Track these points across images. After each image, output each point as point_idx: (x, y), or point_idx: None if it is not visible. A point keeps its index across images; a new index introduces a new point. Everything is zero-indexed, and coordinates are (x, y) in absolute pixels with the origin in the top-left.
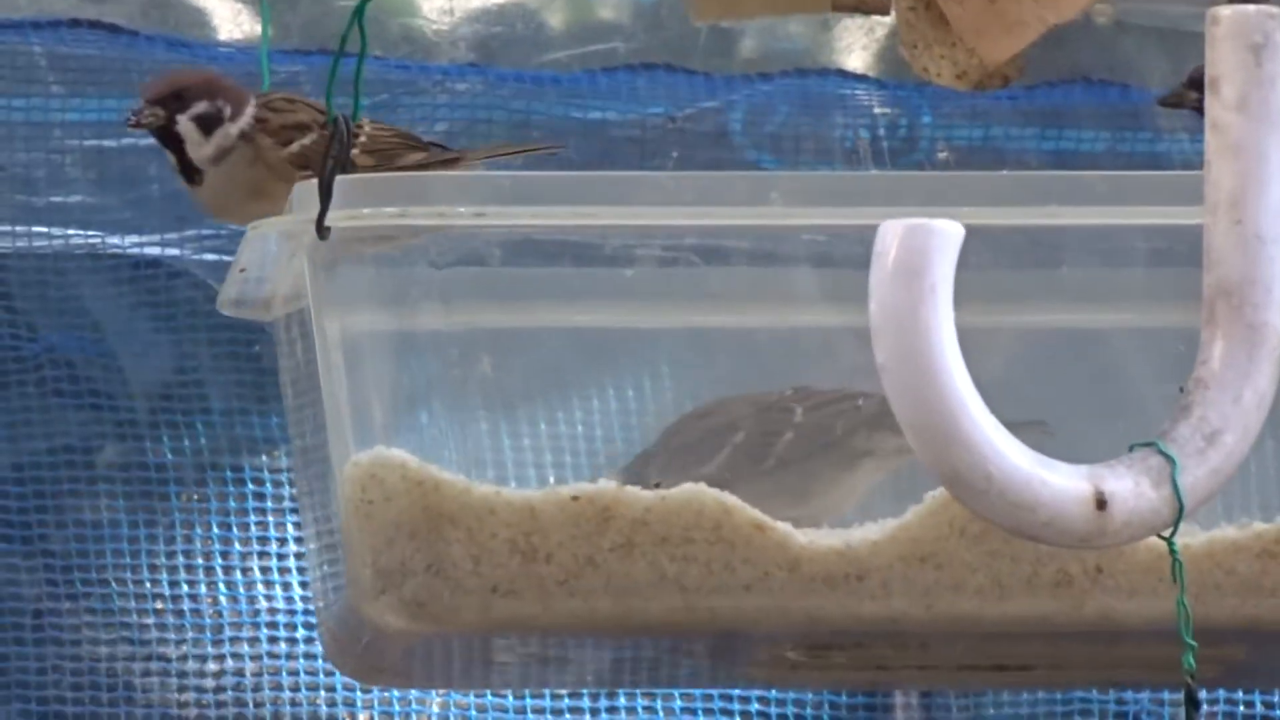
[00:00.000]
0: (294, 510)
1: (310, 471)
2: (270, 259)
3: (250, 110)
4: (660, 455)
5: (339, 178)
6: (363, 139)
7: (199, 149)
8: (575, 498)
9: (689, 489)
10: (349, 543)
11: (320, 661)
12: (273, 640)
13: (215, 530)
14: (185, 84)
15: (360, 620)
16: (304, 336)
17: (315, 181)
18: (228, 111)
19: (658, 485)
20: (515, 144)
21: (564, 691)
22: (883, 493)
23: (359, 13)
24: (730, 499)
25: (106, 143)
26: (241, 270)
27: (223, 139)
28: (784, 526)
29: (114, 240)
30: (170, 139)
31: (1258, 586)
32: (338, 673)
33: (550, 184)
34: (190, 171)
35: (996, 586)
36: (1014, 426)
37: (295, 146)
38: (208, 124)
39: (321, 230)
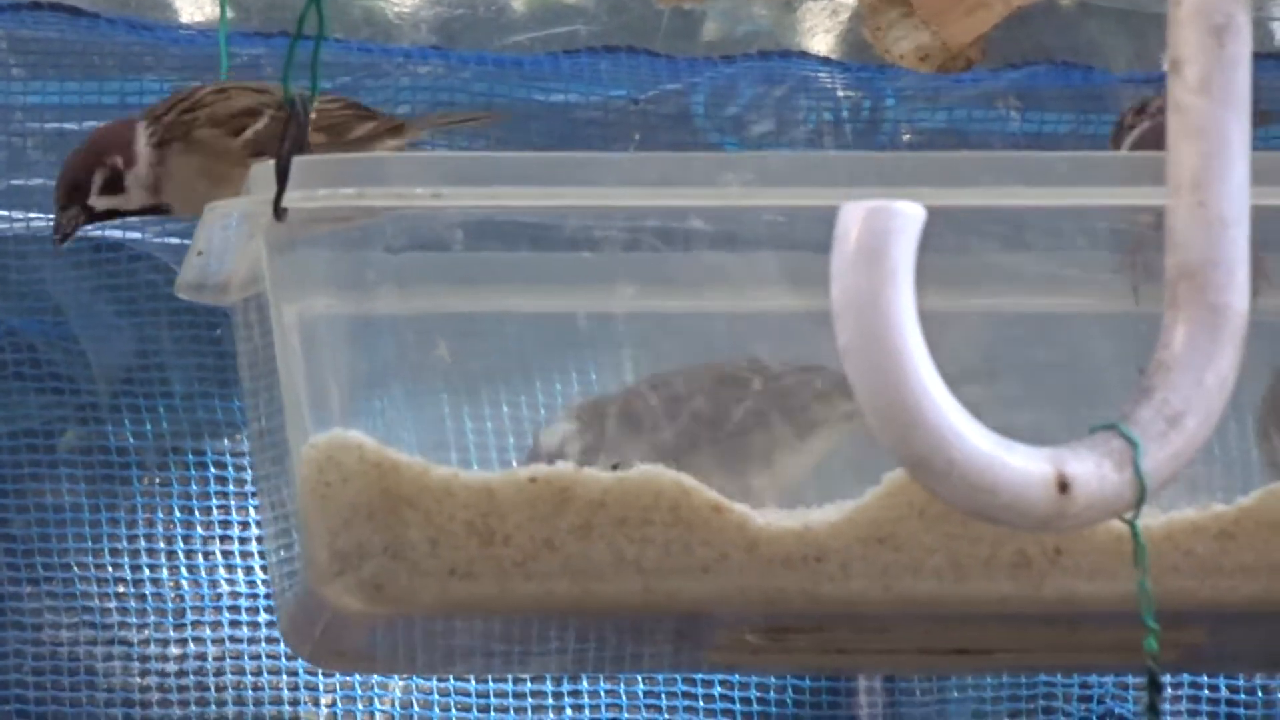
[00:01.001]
0: (255, 494)
1: (268, 455)
2: (228, 242)
3: (142, 135)
4: (614, 413)
5: (296, 159)
6: (312, 115)
7: (130, 199)
8: (533, 479)
9: (647, 470)
10: (306, 525)
11: (282, 645)
12: (234, 624)
13: (177, 514)
14: (71, 173)
15: (318, 603)
16: (261, 320)
17: (272, 163)
18: (120, 160)
19: (615, 466)
20: (457, 114)
21: (525, 676)
22: (842, 474)
23: None
24: (689, 480)
25: (68, 125)
26: (199, 254)
27: (136, 179)
28: (742, 508)
29: None
30: (104, 216)
31: (1217, 568)
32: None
33: (509, 165)
34: (152, 210)
35: (955, 568)
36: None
37: (249, 133)
38: (115, 183)
39: (279, 212)
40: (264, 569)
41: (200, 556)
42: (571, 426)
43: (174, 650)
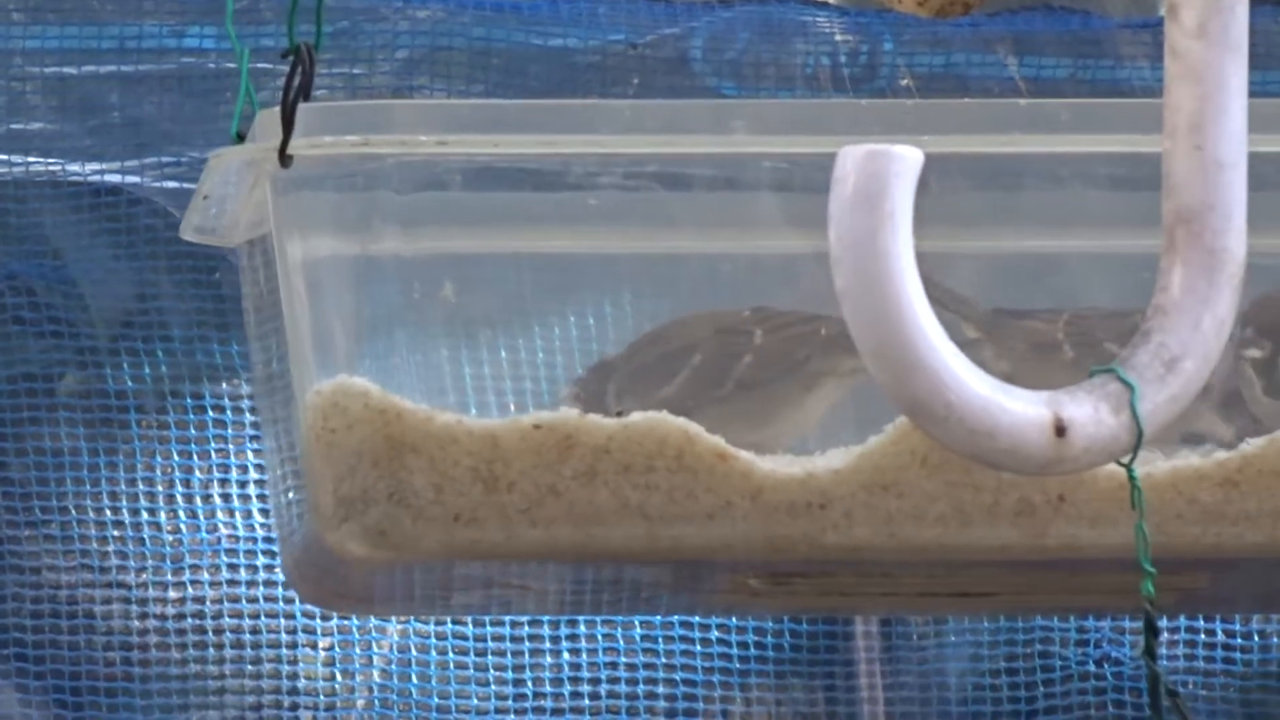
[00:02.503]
0: (255, 438)
1: (273, 399)
2: (233, 187)
3: None
4: (619, 374)
5: (301, 105)
6: None
7: None
8: (537, 426)
9: (651, 417)
10: (311, 471)
11: (281, 589)
12: (233, 568)
13: (176, 458)
14: None
15: (322, 548)
16: (266, 264)
17: (277, 110)
18: None
19: (619, 413)
20: None
21: (524, 619)
22: (845, 422)
23: None
24: (693, 427)
25: (67, 70)
26: (204, 198)
27: None
28: (746, 455)
29: (74, 168)
30: None
31: (1220, 515)
32: (298, 601)
33: (513, 112)
34: None
35: (958, 515)
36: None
37: None
38: None
39: (284, 159)
40: (264, 513)
41: (199, 500)
42: (575, 405)
43: (172, 594)
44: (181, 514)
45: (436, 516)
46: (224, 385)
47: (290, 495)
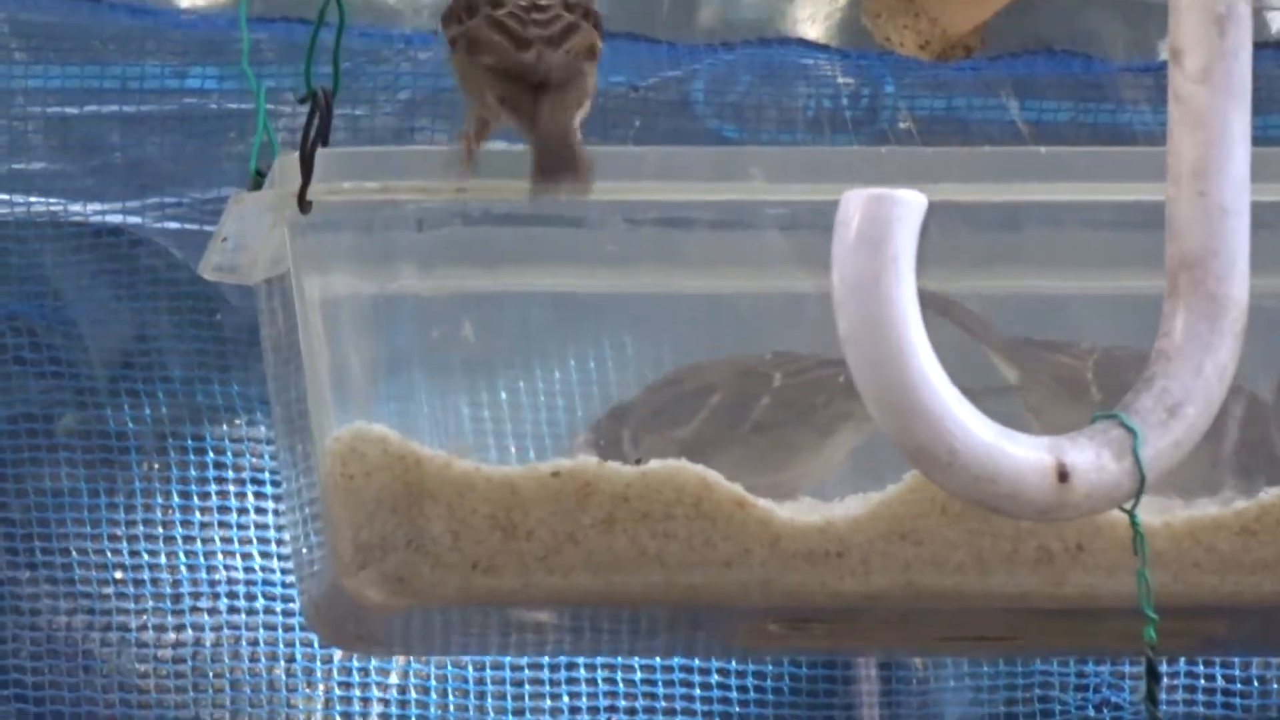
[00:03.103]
0: (255, 480)
1: (292, 440)
2: (252, 229)
3: None
4: (636, 416)
5: (320, 151)
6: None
7: None
8: (556, 474)
9: (670, 465)
10: (329, 516)
11: (280, 631)
12: (232, 610)
13: (175, 499)
14: None
15: (341, 593)
16: (285, 304)
17: (296, 155)
18: None
19: (639, 461)
20: None
21: (524, 661)
22: (863, 469)
23: None
24: (712, 475)
25: (69, 110)
26: (223, 240)
27: None
28: (765, 503)
29: (75, 208)
30: None
31: (1238, 563)
32: (298, 644)
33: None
34: None
35: (977, 563)
36: (978, 394)
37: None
38: None
39: (303, 205)
40: (264, 555)
41: (199, 542)
42: (591, 451)
43: (171, 636)
44: (181, 555)
45: (455, 564)
46: (224, 426)
47: (310, 539)
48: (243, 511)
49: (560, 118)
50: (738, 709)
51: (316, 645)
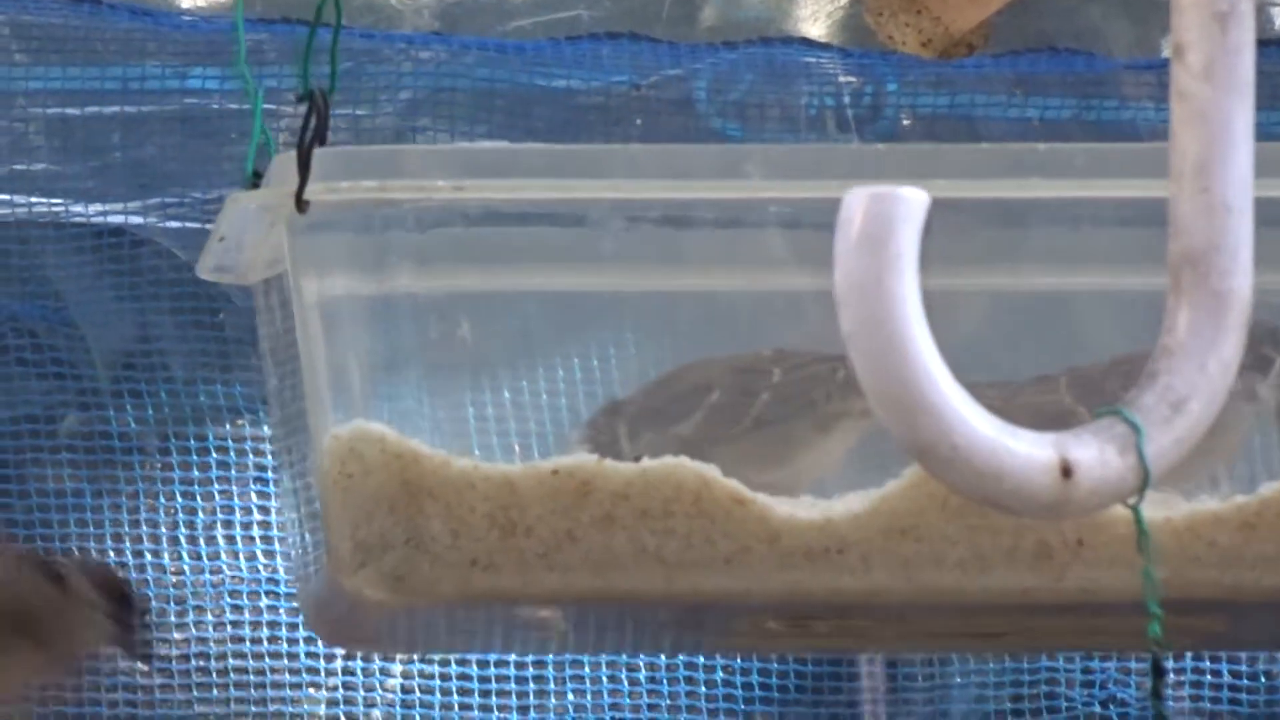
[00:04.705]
0: (258, 480)
1: (290, 440)
2: (249, 229)
3: None
4: (633, 413)
5: (317, 150)
6: None
7: None
8: (555, 471)
9: (669, 462)
10: (328, 515)
11: (283, 631)
12: (236, 610)
13: (178, 499)
14: None
15: (340, 592)
16: (283, 304)
17: (293, 154)
18: None
19: (638, 458)
20: None
21: (529, 659)
22: (863, 466)
23: None
24: (711, 472)
25: (70, 111)
26: (220, 239)
27: None
28: (764, 499)
29: (77, 209)
30: None
31: (1238, 558)
32: (301, 643)
33: (528, 157)
34: None
35: (977, 559)
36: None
37: None
38: None
39: (300, 204)
40: (268, 554)
41: (201, 542)
42: (587, 447)
43: (176, 635)
44: (185, 555)
45: (454, 562)
46: (226, 426)
47: (308, 538)
48: (245, 511)
49: None
50: (742, 706)
51: (319, 645)
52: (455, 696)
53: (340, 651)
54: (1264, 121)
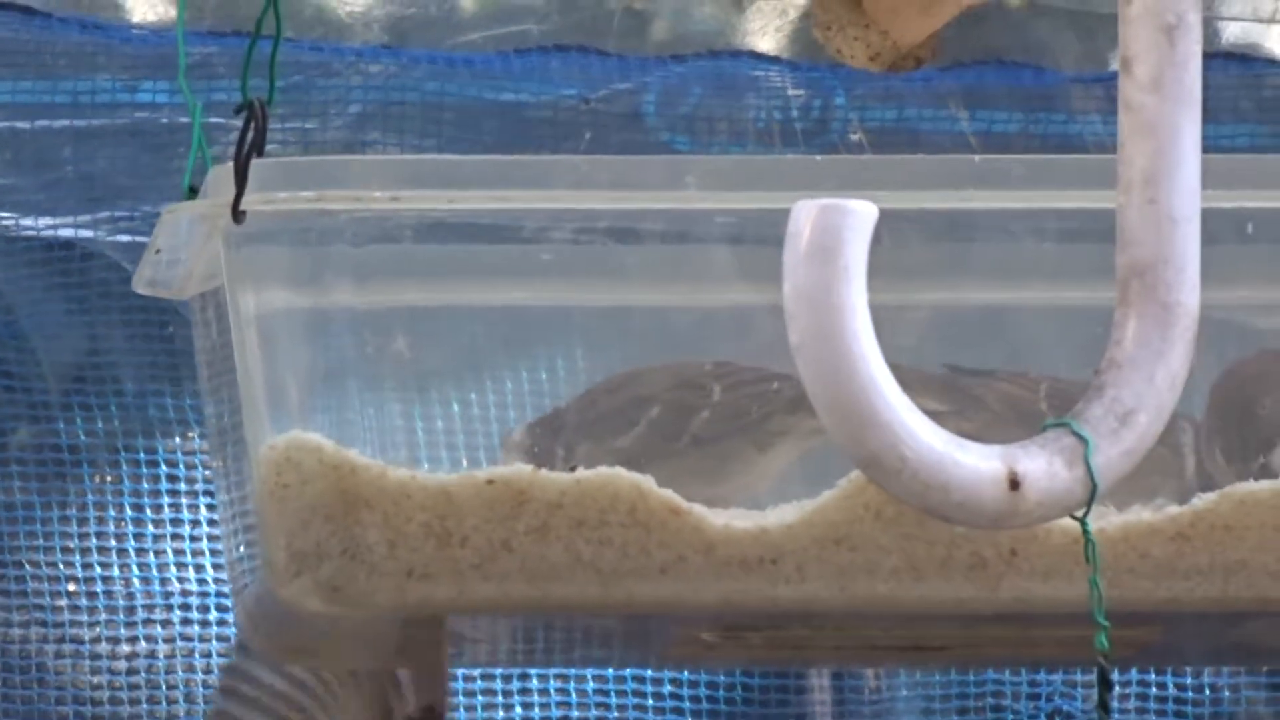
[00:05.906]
0: (207, 492)
1: (226, 453)
2: (185, 241)
3: None
4: (571, 424)
5: (254, 161)
6: None
7: None
8: (490, 481)
9: (604, 472)
10: (264, 525)
11: (233, 643)
12: (185, 622)
13: (128, 512)
14: None
15: (275, 602)
16: (219, 318)
17: (230, 165)
18: None
19: (573, 468)
20: None
21: (476, 671)
22: (798, 477)
23: None
24: (646, 482)
25: (19, 125)
26: (156, 252)
27: None
28: (699, 509)
29: (27, 222)
30: None
31: (1172, 569)
32: None
33: (467, 167)
34: None
35: (911, 569)
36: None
37: None
38: None
39: (237, 215)
40: (217, 567)
41: (151, 554)
42: (520, 455)
43: (124, 648)
44: (134, 567)
45: (390, 571)
46: (176, 439)
47: (243, 549)
48: (195, 524)
49: None
50: (690, 719)
51: None
52: None
53: None
54: (1211, 134)
